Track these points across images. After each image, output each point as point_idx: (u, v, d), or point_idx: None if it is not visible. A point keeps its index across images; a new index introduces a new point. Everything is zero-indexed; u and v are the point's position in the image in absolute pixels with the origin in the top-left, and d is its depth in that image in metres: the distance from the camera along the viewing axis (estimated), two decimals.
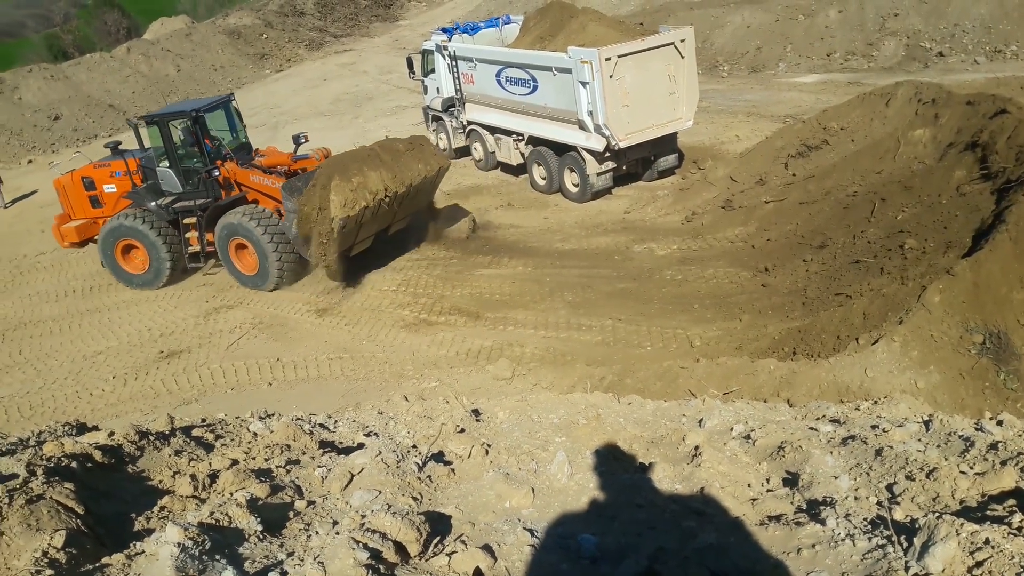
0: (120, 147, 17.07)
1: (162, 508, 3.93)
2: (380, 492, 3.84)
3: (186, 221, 15.96)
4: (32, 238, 20.83)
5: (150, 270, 16.13)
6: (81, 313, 15.64)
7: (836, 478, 3.87)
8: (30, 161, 30.79)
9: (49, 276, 17.94)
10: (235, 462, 4.55)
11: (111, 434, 4.78)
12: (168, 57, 40.74)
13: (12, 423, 11.44)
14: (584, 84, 15.99)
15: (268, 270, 15.01)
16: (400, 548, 3.21)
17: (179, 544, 3.01)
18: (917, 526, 2.92)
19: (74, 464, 4.08)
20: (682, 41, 16.51)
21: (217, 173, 15.28)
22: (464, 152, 21.55)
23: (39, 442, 4.77)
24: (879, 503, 3.52)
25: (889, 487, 3.70)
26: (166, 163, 15.78)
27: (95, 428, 5.43)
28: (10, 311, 16.21)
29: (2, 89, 34.07)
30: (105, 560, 3.06)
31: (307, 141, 16.40)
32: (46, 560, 3.05)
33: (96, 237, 16.53)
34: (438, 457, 4.44)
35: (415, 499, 3.84)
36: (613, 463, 4.39)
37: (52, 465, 3.96)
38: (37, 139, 32.73)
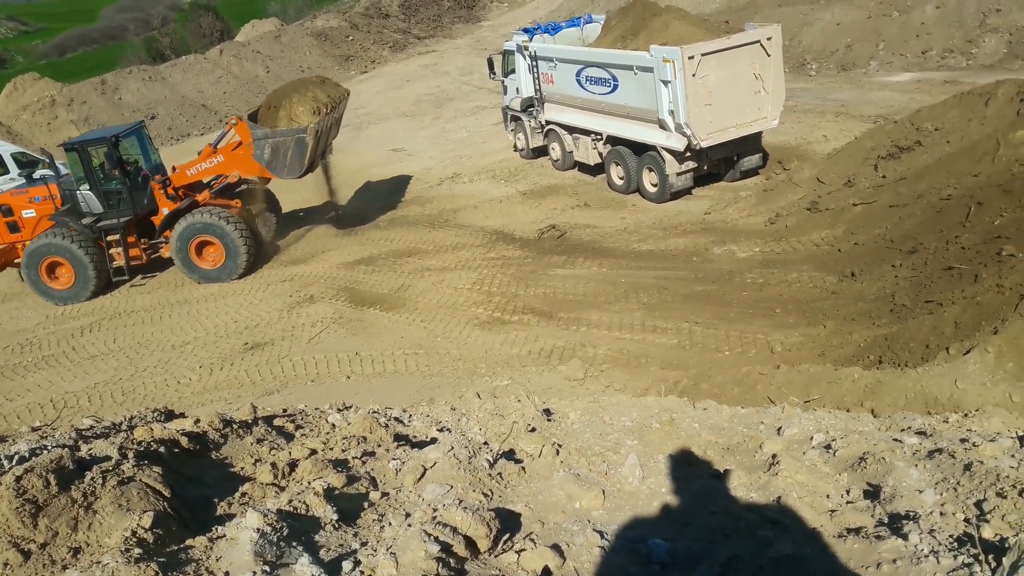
0: (34, 175, 18.74)
1: (243, 494, 4.06)
2: (452, 487, 3.88)
3: (109, 238, 17.22)
4: None
5: (76, 284, 17.10)
6: (171, 305, 16.33)
7: (921, 492, 3.72)
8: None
9: (142, 269, 18.77)
10: (313, 452, 4.67)
11: (197, 421, 4.98)
12: (258, 59, 42.12)
13: (106, 408, 12.03)
14: (666, 83, 15.78)
15: (237, 260, 16.89)
16: (470, 543, 3.24)
17: (258, 530, 3.11)
18: (1007, 545, 2.78)
19: (162, 449, 4.26)
20: (768, 39, 16.13)
21: (168, 183, 17.05)
22: (542, 152, 21.56)
23: (130, 427, 5.00)
24: (966, 520, 3.36)
25: (978, 504, 3.53)
26: (86, 186, 17.06)
27: (182, 415, 5.66)
28: (106, 302, 17.05)
29: (104, 90, 35.88)
30: (189, 542, 3.19)
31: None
32: (135, 539, 3.20)
33: (17, 260, 17.55)
34: (509, 455, 4.46)
35: (486, 495, 3.87)
36: (686, 468, 4.32)
37: (142, 449, 4.15)
38: None
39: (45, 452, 3.86)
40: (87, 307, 16.93)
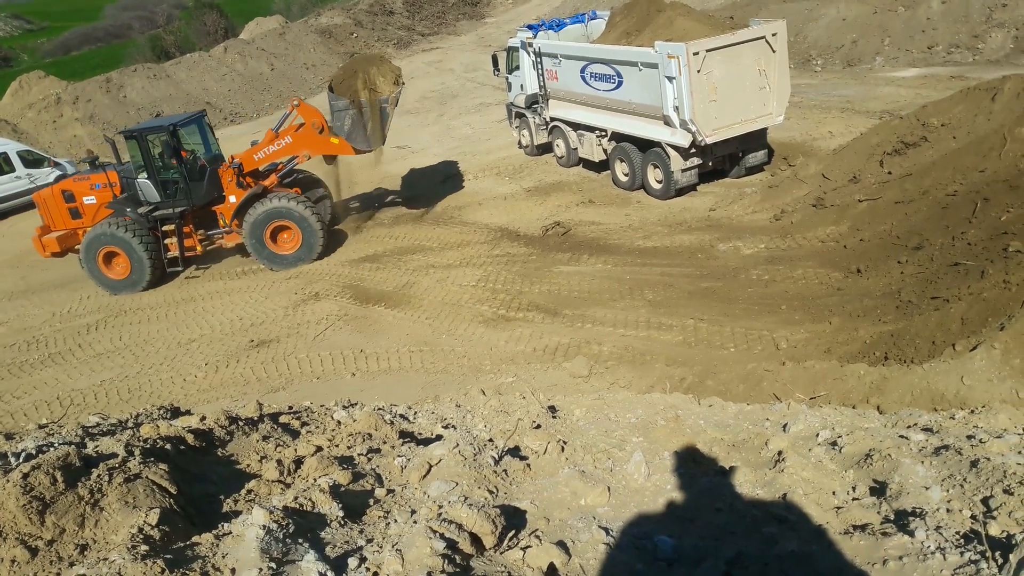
0: (97, 161, 18.41)
1: (249, 491, 4.07)
2: (457, 484, 3.89)
3: (165, 228, 17.11)
4: None
5: (132, 275, 17.03)
6: (177, 302, 16.37)
7: (927, 489, 3.71)
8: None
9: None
10: (319, 449, 4.68)
11: (203, 418, 4.99)
12: (263, 56, 42.15)
13: (112, 405, 12.07)
14: (671, 79, 15.75)
15: (313, 244, 16.87)
16: (476, 540, 3.24)
17: (264, 527, 3.12)
18: (1014, 542, 2.77)
19: (168, 446, 4.28)
20: (774, 35, 16.07)
21: (241, 170, 17.02)
22: (546, 149, 21.54)
23: (137, 424, 5.02)
24: (973, 516, 3.35)
25: (984, 500, 3.52)
26: (144, 175, 16.92)
27: (188, 412, 5.68)
28: (112, 299, 17.09)
29: (109, 88, 35.95)
30: (195, 539, 3.20)
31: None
32: (141, 536, 3.21)
33: (77, 247, 17.42)
34: (514, 452, 4.46)
35: (491, 492, 3.87)
36: (692, 465, 4.32)
37: (148, 446, 4.16)
38: None
39: (52, 449, 3.88)
40: (93, 304, 16.97)
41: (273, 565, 2.93)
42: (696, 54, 15.31)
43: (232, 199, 17.17)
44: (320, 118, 17.01)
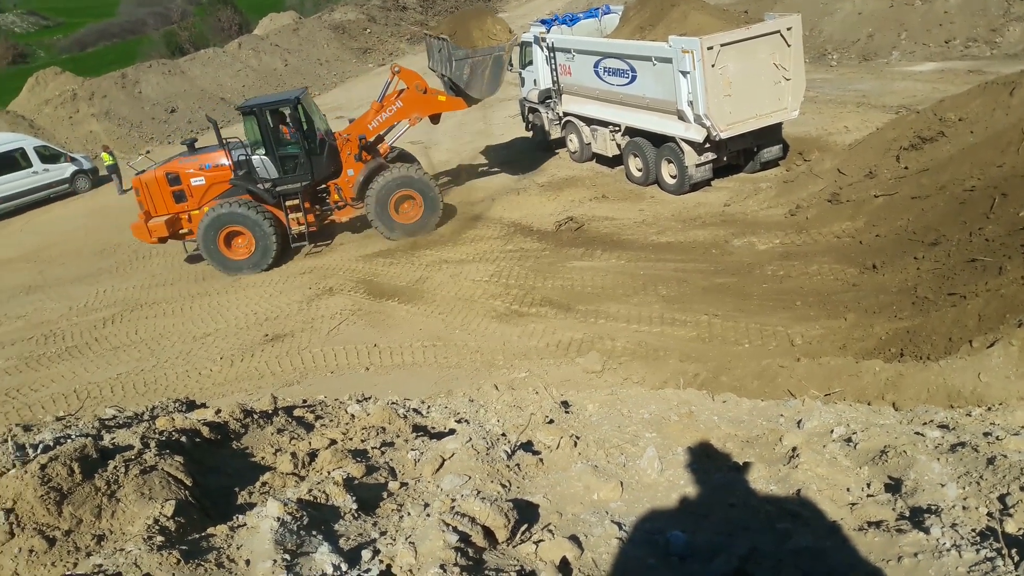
0: (196, 144, 18.03)
1: (264, 483, 4.09)
2: (470, 477, 3.89)
3: (288, 204, 16.82)
4: None
5: (255, 254, 16.72)
6: (192, 296, 16.47)
7: (943, 486, 3.68)
8: (148, 152, 32.56)
9: (163, 261, 18.96)
10: (333, 442, 4.70)
11: (218, 411, 5.02)
12: (276, 52, 42.29)
13: (128, 398, 12.17)
14: (685, 74, 15.68)
15: (434, 214, 17.36)
16: (488, 533, 3.25)
17: (279, 519, 3.13)
18: None
19: (184, 439, 4.30)
20: (789, 29, 15.97)
21: (366, 143, 17.17)
22: (559, 144, 21.50)
23: (152, 417, 5.05)
24: (989, 514, 3.33)
25: (1001, 498, 3.49)
26: (262, 151, 16.56)
27: (203, 405, 5.71)
28: (128, 293, 17.22)
29: (124, 84, 36.17)
30: (210, 530, 3.22)
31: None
32: (157, 527, 3.24)
33: (182, 231, 17.26)
34: (527, 446, 4.46)
35: (504, 486, 3.87)
36: (705, 461, 4.30)
37: (164, 439, 4.19)
38: (155, 131, 34.60)
39: (69, 441, 3.91)
40: (109, 299, 17.11)
41: (287, 557, 2.95)
42: (710, 49, 15.24)
43: (351, 172, 17.25)
44: (421, 80, 17.39)
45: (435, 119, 18.71)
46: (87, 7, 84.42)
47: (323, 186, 17.56)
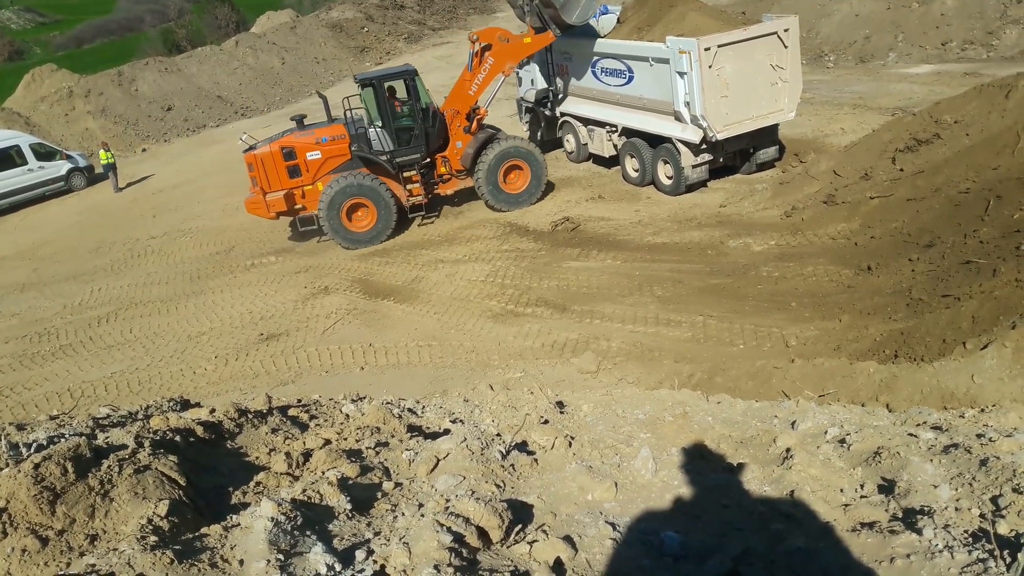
0: (304, 120, 17.91)
1: (258, 483, 4.09)
2: (464, 478, 3.89)
3: (407, 175, 17.17)
4: (144, 222, 22.02)
5: (377, 226, 16.97)
6: (187, 295, 16.44)
7: (936, 487, 3.69)
8: (144, 150, 32.49)
9: (158, 259, 18.93)
10: (328, 442, 4.70)
11: (212, 411, 5.02)
12: (273, 50, 42.21)
13: (122, 397, 12.15)
14: (682, 74, 15.70)
15: (540, 183, 17.81)
16: (482, 533, 3.25)
17: (273, 519, 3.13)
18: (1022, 541, 2.76)
19: (178, 438, 4.30)
20: (786, 31, 16.00)
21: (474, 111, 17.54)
22: (556, 144, 21.51)
23: (146, 416, 5.05)
24: (982, 515, 3.34)
25: (994, 499, 3.51)
26: (379, 123, 16.86)
27: (198, 404, 5.70)
28: (123, 292, 17.18)
29: (121, 81, 36.07)
30: (204, 530, 3.22)
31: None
32: (151, 527, 3.23)
33: (297, 207, 17.25)
34: (521, 447, 4.47)
35: (498, 486, 3.88)
36: (699, 462, 4.31)
37: (158, 438, 4.19)
38: (151, 128, 34.52)
39: (63, 440, 3.90)
40: (104, 297, 17.07)
41: (281, 557, 2.95)
42: (708, 50, 15.26)
43: (459, 144, 17.43)
44: (503, 31, 17.58)
45: (525, 61, 19.06)
46: (84, 4, 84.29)
47: (429, 159, 17.74)
